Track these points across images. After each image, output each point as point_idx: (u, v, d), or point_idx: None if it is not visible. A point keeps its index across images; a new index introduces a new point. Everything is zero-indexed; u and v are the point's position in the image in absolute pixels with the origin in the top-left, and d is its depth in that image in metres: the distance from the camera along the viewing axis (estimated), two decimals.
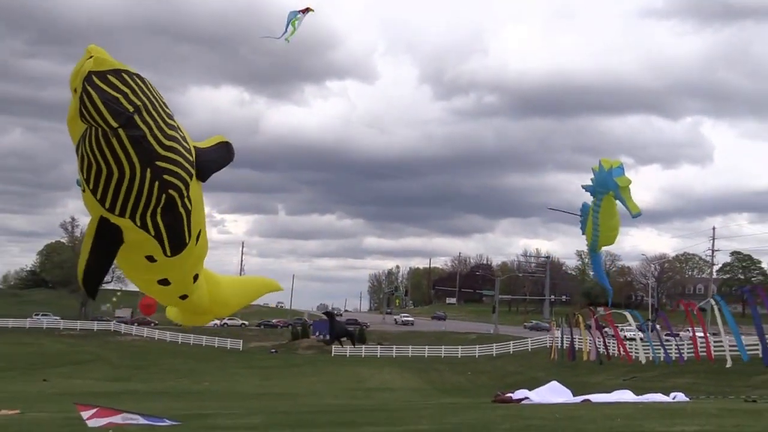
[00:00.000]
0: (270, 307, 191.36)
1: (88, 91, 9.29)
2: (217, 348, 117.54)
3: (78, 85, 9.39)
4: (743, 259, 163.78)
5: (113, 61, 9.58)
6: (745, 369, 52.89)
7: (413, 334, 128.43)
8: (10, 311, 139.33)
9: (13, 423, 30.90)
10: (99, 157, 9.59)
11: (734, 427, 17.17)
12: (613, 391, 38.56)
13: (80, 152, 9.86)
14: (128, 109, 9.42)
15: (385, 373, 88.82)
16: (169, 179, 10.10)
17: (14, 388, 68.23)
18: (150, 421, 21.29)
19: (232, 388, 71.29)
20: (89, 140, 9.56)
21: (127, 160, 9.61)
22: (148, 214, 10.37)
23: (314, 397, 57.06)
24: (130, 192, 9.93)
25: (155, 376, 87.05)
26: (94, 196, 10.10)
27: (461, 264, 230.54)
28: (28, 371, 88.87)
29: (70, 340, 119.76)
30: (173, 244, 11.14)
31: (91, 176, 9.88)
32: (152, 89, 9.85)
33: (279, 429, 21.55)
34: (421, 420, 23.18)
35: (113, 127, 9.35)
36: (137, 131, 9.51)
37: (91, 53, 9.62)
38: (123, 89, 9.42)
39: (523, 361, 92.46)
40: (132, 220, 10.33)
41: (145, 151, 9.66)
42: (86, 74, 9.34)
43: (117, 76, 9.47)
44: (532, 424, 18.91)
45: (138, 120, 9.51)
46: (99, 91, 9.28)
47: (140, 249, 11.02)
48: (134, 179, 9.81)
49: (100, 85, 9.31)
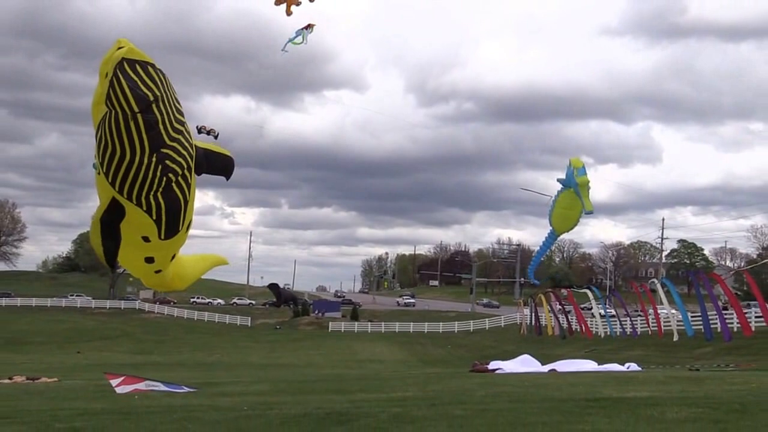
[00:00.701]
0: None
1: (119, 76, 9.37)
2: (228, 324, 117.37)
3: (109, 70, 9.47)
4: (688, 247, 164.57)
5: (142, 53, 9.67)
6: (689, 342, 53.07)
7: (400, 312, 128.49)
8: (48, 292, 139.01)
9: (52, 389, 30.83)
10: (116, 138, 9.61)
11: (680, 392, 17.21)
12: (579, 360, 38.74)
13: (99, 135, 9.89)
14: (149, 97, 9.48)
15: (375, 347, 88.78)
16: (170, 165, 10.14)
17: (52, 360, 68.13)
18: (170, 388, 21.27)
19: (241, 360, 71.21)
20: (109, 122, 9.57)
21: (139, 143, 9.66)
22: (151, 196, 10.39)
23: (313, 368, 57.02)
24: (137, 175, 9.96)
25: (174, 349, 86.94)
26: (107, 178, 10.16)
27: (442, 251, 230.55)
28: (65, 345, 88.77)
29: (100, 317, 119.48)
30: (168, 230, 11.22)
31: (105, 158, 9.90)
32: (170, 86, 9.91)
33: (283, 395, 21.51)
34: (408, 387, 23.14)
35: (134, 112, 9.42)
36: (153, 119, 9.59)
37: (121, 44, 9.67)
38: (147, 80, 9.49)
39: (497, 336, 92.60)
40: (138, 203, 10.39)
41: (154, 137, 9.73)
42: (119, 60, 9.42)
43: (144, 67, 9.55)
44: (504, 391, 18.91)
45: (155, 108, 9.58)
46: (127, 77, 9.38)
47: (139, 230, 11.07)
48: (142, 163, 9.85)
49: (129, 73, 9.40)
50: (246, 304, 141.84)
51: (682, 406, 13.59)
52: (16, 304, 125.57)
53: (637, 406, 13.85)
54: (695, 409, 13.16)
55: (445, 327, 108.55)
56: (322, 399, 18.79)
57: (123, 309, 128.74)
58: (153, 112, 9.57)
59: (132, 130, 9.53)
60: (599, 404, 14.32)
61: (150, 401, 18.39)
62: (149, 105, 9.50)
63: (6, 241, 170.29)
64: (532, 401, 15.71)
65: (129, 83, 9.37)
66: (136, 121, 9.48)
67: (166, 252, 12.33)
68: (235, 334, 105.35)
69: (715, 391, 17.52)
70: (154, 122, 9.61)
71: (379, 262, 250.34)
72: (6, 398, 24.63)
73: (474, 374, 33.43)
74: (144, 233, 11.22)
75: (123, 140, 9.61)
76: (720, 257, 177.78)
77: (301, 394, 22.04)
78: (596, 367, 34.82)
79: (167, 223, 11.03)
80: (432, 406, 15.40)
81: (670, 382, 21.53)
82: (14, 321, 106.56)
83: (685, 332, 51.65)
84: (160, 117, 9.68)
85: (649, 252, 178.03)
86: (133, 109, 9.40)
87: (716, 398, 15.25)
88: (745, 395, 16.00)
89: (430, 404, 15.80)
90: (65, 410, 17.23)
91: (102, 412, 16.18)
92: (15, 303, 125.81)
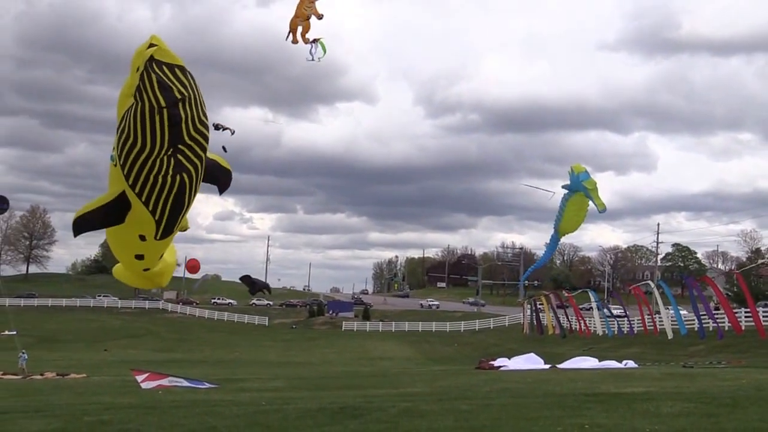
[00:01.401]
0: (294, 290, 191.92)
1: (149, 71, 9.33)
2: (247, 324, 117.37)
3: (141, 64, 9.42)
4: (682, 250, 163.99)
5: (173, 54, 9.63)
6: (683, 341, 52.97)
7: (410, 312, 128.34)
8: (77, 293, 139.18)
9: (81, 384, 30.98)
10: (138, 129, 9.53)
11: (674, 387, 17.21)
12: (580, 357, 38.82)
13: (122, 126, 9.80)
14: (177, 96, 9.44)
15: (386, 345, 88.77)
16: (185, 163, 10.05)
17: (81, 357, 68.33)
18: (192, 384, 21.34)
19: (259, 358, 71.30)
20: (134, 114, 9.50)
21: (160, 137, 9.57)
22: (161, 200, 10.33)
23: (327, 365, 57.08)
24: (152, 168, 9.85)
25: (196, 347, 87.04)
26: (122, 169, 10.07)
27: (450, 254, 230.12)
28: (92, 343, 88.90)
29: (126, 316, 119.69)
30: (165, 231, 11.16)
31: (125, 148, 9.80)
32: (199, 91, 9.86)
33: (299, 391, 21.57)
34: (416, 383, 23.20)
35: (161, 106, 9.37)
36: (177, 116, 9.52)
37: (153, 41, 9.65)
38: (176, 80, 9.47)
39: (501, 335, 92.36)
40: (146, 202, 10.31)
41: (175, 134, 9.64)
42: (150, 57, 9.39)
43: (174, 68, 9.52)
44: (508, 387, 18.95)
45: (181, 107, 9.53)
46: (158, 74, 9.34)
47: (138, 227, 10.97)
48: (158, 157, 9.75)
49: (159, 71, 9.36)
50: (264, 305, 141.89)
51: (676, 400, 13.59)
52: (47, 304, 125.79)
53: (633, 400, 13.86)
54: (689, 403, 13.16)
55: (452, 326, 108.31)
56: (336, 394, 18.83)
57: (148, 309, 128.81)
58: (179, 109, 9.50)
59: (156, 124, 9.45)
60: (598, 399, 14.33)
61: (173, 396, 18.47)
62: (176, 102, 9.44)
63: (37, 245, 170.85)
64: (535, 396, 15.72)
65: (159, 79, 9.33)
66: (161, 115, 9.41)
67: (157, 251, 12.27)
68: (254, 333, 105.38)
69: (708, 387, 17.51)
70: (178, 120, 9.54)
71: (390, 265, 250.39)
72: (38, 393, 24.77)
73: (479, 371, 33.46)
74: (142, 231, 11.11)
75: (146, 132, 9.52)
76: (712, 260, 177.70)
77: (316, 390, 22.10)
78: (596, 363, 34.82)
79: (167, 225, 10.96)
80: (439, 401, 15.43)
81: (665, 379, 21.53)
82: (46, 320, 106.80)
83: (679, 331, 51.67)
84: (185, 116, 9.60)
85: (645, 255, 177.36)
86: (160, 104, 9.34)
87: (709, 393, 15.25)
88: (735, 390, 16.00)
89: (437, 399, 15.83)
90: (93, 404, 17.31)
91: (128, 406, 16.26)
92: (46, 303, 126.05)
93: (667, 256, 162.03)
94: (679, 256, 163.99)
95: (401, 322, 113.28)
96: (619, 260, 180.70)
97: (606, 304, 71.68)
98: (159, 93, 9.34)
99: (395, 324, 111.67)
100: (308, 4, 14.04)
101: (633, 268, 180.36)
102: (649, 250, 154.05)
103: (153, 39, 9.75)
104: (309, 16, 14.11)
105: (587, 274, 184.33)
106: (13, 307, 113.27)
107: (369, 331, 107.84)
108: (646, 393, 15.60)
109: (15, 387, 30.22)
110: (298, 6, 14.09)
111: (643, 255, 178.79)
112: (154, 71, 9.36)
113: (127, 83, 10.01)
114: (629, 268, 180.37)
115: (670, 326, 53.84)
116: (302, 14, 14.11)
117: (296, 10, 14.15)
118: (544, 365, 35.85)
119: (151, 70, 9.36)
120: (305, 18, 14.14)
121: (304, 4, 14.08)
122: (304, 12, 14.09)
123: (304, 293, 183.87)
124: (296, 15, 14.17)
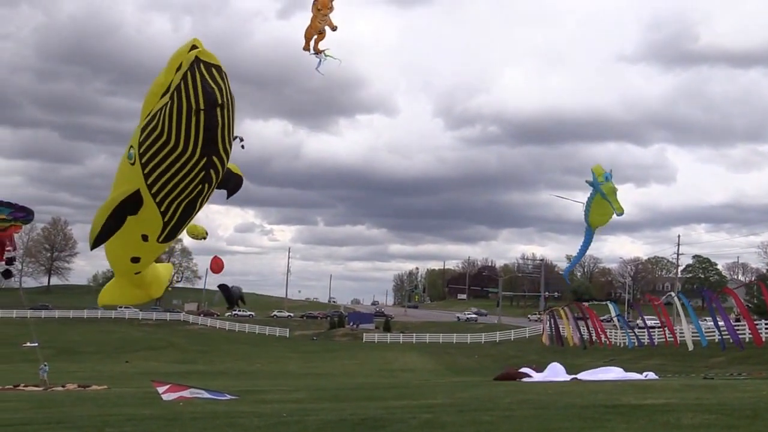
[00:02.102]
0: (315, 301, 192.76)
1: (194, 71, 9.28)
2: (268, 335, 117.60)
3: (184, 64, 9.35)
4: (703, 262, 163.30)
5: (214, 56, 9.57)
6: (704, 352, 52.80)
7: (430, 324, 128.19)
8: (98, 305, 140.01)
9: (102, 396, 31.11)
10: (173, 128, 9.43)
11: (695, 399, 17.11)
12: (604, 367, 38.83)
13: (154, 123, 9.63)
14: (217, 100, 9.40)
15: (406, 357, 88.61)
16: (211, 174, 10.01)
17: (102, 368, 68.63)
18: (213, 396, 21.43)
19: (279, 369, 71.34)
20: (170, 112, 9.37)
21: (194, 138, 9.48)
22: (175, 203, 10.26)
23: (348, 377, 57.04)
24: (180, 169, 9.76)
25: (216, 359, 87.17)
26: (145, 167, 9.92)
27: (470, 266, 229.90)
28: (114, 354, 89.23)
29: (147, 328, 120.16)
30: (170, 235, 11.09)
31: (155, 146, 9.66)
32: (233, 97, 9.80)
33: (320, 403, 21.58)
34: (437, 395, 23.15)
35: (199, 108, 9.29)
36: (214, 120, 9.45)
37: (195, 43, 9.67)
38: (215, 84, 9.40)
39: (522, 346, 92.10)
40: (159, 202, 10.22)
41: (210, 140, 9.57)
42: (194, 58, 9.34)
43: (214, 70, 9.44)
44: (529, 399, 18.89)
45: (218, 113, 9.47)
46: (201, 75, 9.28)
47: (144, 226, 10.86)
48: (189, 159, 9.65)
49: (204, 72, 9.31)
50: (285, 317, 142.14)
51: (696, 412, 13.53)
52: (68, 316, 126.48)
53: (654, 412, 13.80)
54: (709, 415, 13.10)
55: (473, 338, 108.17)
56: (356, 406, 18.83)
57: (169, 320, 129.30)
58: (216, 115, 9.45)
59: (192, 125, 9.36)
60: (618, 411, 14.28)
61: (194, 408, 18.53)
62: (215, 106, 9.38)
63: (59, 257, 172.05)
64: (555, 408, 15.68)
65: (202, 80, 9.27)
66: (198, 117, 9.34)
67: (153, 254, 12.19)
68: (275, 345, 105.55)
69: (728, 399, 17.41)
70: (215, 124, 9.47)
71: (410, 277, 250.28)
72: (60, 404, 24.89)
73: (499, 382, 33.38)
74: (146, 231, 11.02)
75: (180, 132, 9.42)
76: (733, 272, 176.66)
77: (337, 401, 22.11)
78: (622, 374, 34.74)
79: (173, 228, 10.90)
80: (460, 412, 15.41)
81: (685, 390, 21.41)
82: (67, 332, 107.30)
83: (700, 342, 51.55)
84: (221, 122, 9.55)
85: (665, 267, 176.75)
86: (198, 105, 9.28)
87: (729, 405, 15.16)
88: (756, 402, 15.90)
89: (458, 411, 15.81)
90: (115, 416, 17.39)
91: (149, 417, 16.32)
92: (68, 315, 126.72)
93: (688, 267, 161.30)
94: (699, 267, 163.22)
95: (422, 333, 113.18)
96: (640, 272, 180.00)
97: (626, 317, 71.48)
98: (201, 94, 9.27)
99: (416, 335, 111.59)
100: (321, 18, 14.05)
101: (653, 280, 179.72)
102: (670, 261, 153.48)
103: (195, 41, 9.75)
104: (323, 29, 14.12)
105: (607, 285, 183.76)
106: (35, 319, 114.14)
107: (390, 343, 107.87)
108: (666, 404, 15.53)
109: (37, 398, 30.37)
110: (313, 19, 14.11)
111: (664, 267, 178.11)
112: (199, 72, 9.30)
113: (158, 82, 9.92)
114: (649, 280, 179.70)
115: (691, 338, 53.79)
116: (316, 27, 14.12)
117: (311, 22, 14.18)
118: (567, 376, 35.84)
119: (197, 70, 9.29)
120: (318, 31, 14.16)
121: (318, 18, 14.09)
122: (318, 25, 14.10)
123: (327, 305, 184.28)
124: (311, 26, 14.21)
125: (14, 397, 32.59)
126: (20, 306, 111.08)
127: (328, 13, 13.96)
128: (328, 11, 13.88)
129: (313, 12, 13.98)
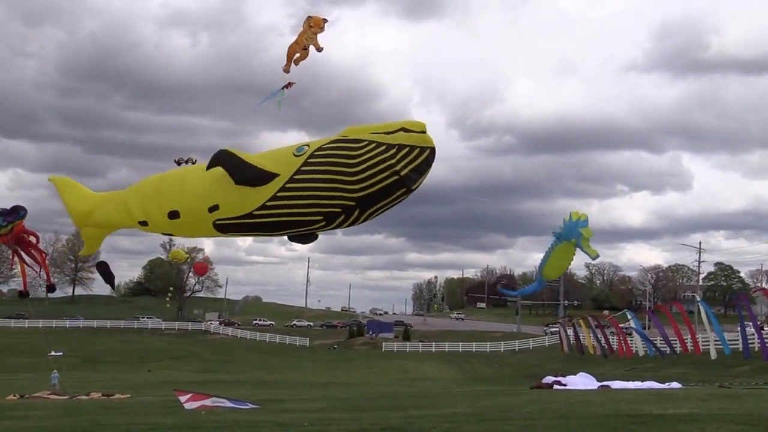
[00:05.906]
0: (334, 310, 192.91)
1: (424, 151, 9.68)
2: (288, 345, 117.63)
3: (415, 141, 9.69)
4: (725, 269, 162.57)
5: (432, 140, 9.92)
6: (727, 361, 52.31)
7: (450, 333, 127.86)
8: (121, 315, 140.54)
9: (125, 405, 31.19)
10: (365, 163, 9.52)
11: (719, 409, 16.93)
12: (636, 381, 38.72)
13: (354, 144, 9.71)
14: (411, 186, 9.71)
15: (426, 366, 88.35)
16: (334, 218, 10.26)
17: (125, 377, 68.79)
18: (234, 405, 21.38)
19: (300, 378, 71.30)
20: (378, 150, 9.52)
21: (367, 185, 9.58)
22: (281, 210, 10.11)
23: (368, 386, 56.93)
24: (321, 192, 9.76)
25: (237, 368, 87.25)
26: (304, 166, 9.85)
27: (489, 274, 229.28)
28: (136, 364, 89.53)
29: (169, 338, 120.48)
30: (223, 229, 10.65)
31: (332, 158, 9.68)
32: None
33: (340, 412, 21.52)
34: (457, 404, 23.06)
35: (402, 181, 9.56)
36: (393, 191, 9.70)
37: (423, 127, 9.99)
38: (424, 175, 9.79)
39: (541, 355, 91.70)
40: (272, 199, 10.02)
41: (373, 199, 9.78)
42: (432, 146, 9.82)
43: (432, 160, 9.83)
44: (550, 408, 18.76)
45: (400, 191, 9.75)
46: (426, 159, 9.68)
47: (227, 198, 10.36)
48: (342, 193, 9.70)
49: (428, 158, 9.73)
50: (304, 326, 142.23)
51: (721, 422, 13.36)
52: (92, 325, 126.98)
53: (677, 422, 13.65)
54: (734, 426, 12.93)
55: (492, 347, 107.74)
56: (377, 415, 18.76)
57: (190, 330, 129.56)
58: (398, 190, 9.68)
59: (377, 176, 9.50)
60: (641, 420, 14.13)
61: (216, 416, 18.50)
62: (408, 187, 9.64)
63: (82, 268, 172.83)
64: (577, 417, 15.54)
65: (423, 162, 9.62)
66: (389, 177, 9.50)
67: (194, 229, 11.45)
68: (295, 354, 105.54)
69: (754, 408, 17.21)
70: (390, 194, 9.71)
71: (429, 286, 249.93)
72: (84, 413, 24.94)
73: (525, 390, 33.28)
74: (222, 203, 10.37)
75: (365, 172, 9.53)
76: (756, 279, 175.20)
77: (357, 411, 22.04)
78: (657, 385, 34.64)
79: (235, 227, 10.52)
80: (481, 421, 15.31)
81: (709, 399, 21.20)
82: (90, 341, 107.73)
83: (723, 351, 51.03)
84: (392, 198, 9.84)
85: (686, 275, 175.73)
86: (401, 171, 9.50)
87: (755, 415, 14.98)
88: None
89: (479, 420, 15.71)
90: (138, 424, 17.39)
91: (172, 426, 16.31)
92: (92, 325, 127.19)
93: (709, 275, 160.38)
94: (721, 275, 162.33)
95: (441, 342, 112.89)
96: (660, 280, 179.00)
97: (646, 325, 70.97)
98: (411, 167, 9.55)
99: (435, 344, 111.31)
100: (310, 36, 13.88)
101: (674, 288, 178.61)
102: (690, 269, 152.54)
103: (423, 125, 10.03)
104: (308, 46, 13.94)
105: (628, 293, 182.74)
106: (61, 328, 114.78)
107: (409, 352, 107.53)
108: (690, 414, 15.36)
109: (62, 407, 30.49)
110: (301, 34, 13.94)
111: (684, 274, 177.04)
112: (426, 155, 9.68)
113: (380, 126, 10.06)
114: (670, 288, 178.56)
115: (714, 346, 53.27)
116: (302, 42, 13.93)
117: (298, 37, 14.01)
118: (596, 383, 35.97)
119: (427, 152, 9.70)
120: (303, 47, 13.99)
121: (306, 34, 13.92)
122: (305, 41, 13.92)
123: (349, 314, 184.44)
124: (297, 42, 14.05)
125: (41, 405, 32.75)
126: (45, 316, 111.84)
127: (318, 32, 13.79)
128: (319, 30, 13.72)
129: (304, 27, 13.82)
